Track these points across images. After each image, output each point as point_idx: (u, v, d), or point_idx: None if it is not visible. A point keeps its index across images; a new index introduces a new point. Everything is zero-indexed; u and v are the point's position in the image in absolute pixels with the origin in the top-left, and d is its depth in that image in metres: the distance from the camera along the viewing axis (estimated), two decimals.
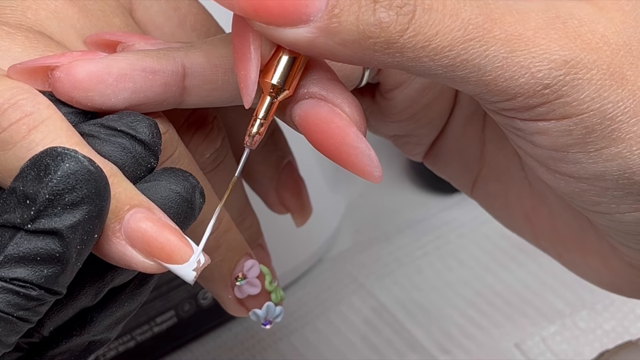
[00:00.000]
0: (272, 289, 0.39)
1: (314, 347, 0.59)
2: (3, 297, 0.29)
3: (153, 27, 0.39)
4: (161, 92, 0.33)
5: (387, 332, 0.60)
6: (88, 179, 0.29)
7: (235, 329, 0.61)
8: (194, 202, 0.33)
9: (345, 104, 0.32)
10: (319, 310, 0.62)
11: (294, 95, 0.32)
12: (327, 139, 0.32)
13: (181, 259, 0.31)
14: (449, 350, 0.59)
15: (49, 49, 0.34)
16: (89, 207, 0.29)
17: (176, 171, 0.33)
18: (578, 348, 0.58)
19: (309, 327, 0.61)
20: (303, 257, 0.62)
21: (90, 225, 0.29)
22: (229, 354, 0.60)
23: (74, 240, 0.29)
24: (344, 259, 0.65)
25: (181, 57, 0.34)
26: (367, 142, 0.32)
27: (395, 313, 0.61)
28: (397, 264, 0.64)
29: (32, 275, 0.29)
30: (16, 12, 0.36)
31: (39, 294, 0.29)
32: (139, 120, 0.32)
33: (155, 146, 0.33)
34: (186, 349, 0.60)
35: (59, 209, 0.29)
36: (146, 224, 0.31)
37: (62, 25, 0.36)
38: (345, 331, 0.60)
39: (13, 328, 0.30)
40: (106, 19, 0.37)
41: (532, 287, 0.62)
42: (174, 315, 0.57)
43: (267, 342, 0.60)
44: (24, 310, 0.29)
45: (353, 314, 0.61)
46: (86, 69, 0.32)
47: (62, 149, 0.29)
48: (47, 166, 0.29)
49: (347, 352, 0.59)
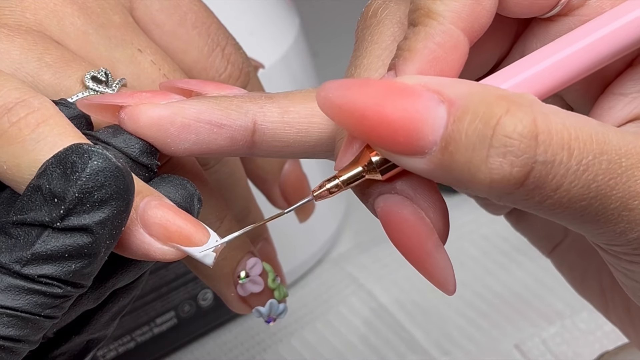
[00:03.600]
0: (274, 286, 0.39)
1: (313, 347, 0.59)
2: (29, 299, 0.29)
3: (154, 26, 0.39)
4: (226, 146, 0.33)
5: (387, 333, 0.60)
6: (117, 176, 0.29)
7: (235, 330, 0.61)
8: (192, 209, 0.33)
9: (431, 209, 0.31)
10: (319, 311, 0.62)
11: (382, 183, 0.31)
12: (405, 240, 0.31)
13: (199, 240, 0.31)
14: (448, 351, 0.59)
15: (48, 51, 0.34)
16: (118, 202, 0.29)
17: (173, 180, 0.33)
18: (578, 349, 0.58)
19: (309, 328, 0.60)
20: (303, 258, 0.62)
21: (119, 220, 0.30)
22: (229, 355, 0.60)
23: (103, 235, 0.29)
24: (344, 259, 0.65)
25: (254, 111, 0.33)
26: (446, 253, 0.31)
27: (395, 314, 0.61)
28: (397, 265, 0.64)
29: (60, 272, 0.29)
30: (15, 12, 0.36)
31: (64, 291, 0.30)
32: (131, 139, 0.32)
33: (147, 164, 0.33)
34: (186, 350, 0.60)
35: (88, 206, 0.29)
36: (162, 210, 0.31)
37: (62, 24, 0.36)
38: (345, 332, 0.60)
39: (39, 326, 0.30)
40: (106, 16, 0.37)
41: (532, 288, 0.62)
42: (174, 316, 0.57)
43: (267, 342, 0.60)
44: (50, 309, 0.30)
45: (353, 314, 0.61)
46: (149, 115, 0.32)
47: (88, 146, 0.29)
48: (73, 164, 0.29)
49: (346, 353, 0.59)
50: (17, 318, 0.29)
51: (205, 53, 0.40)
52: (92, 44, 0.36)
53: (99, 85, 0.34)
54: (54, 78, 0.34)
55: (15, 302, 0.29)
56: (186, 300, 0.57)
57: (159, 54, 0.38)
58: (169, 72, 0.38)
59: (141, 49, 0.37)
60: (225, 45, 0.40)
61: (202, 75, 0.40)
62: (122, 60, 0.37)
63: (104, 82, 0.35)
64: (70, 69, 0.34)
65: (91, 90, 0.34)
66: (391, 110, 0.27)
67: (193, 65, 0.40)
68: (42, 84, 0.34)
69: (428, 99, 0.27)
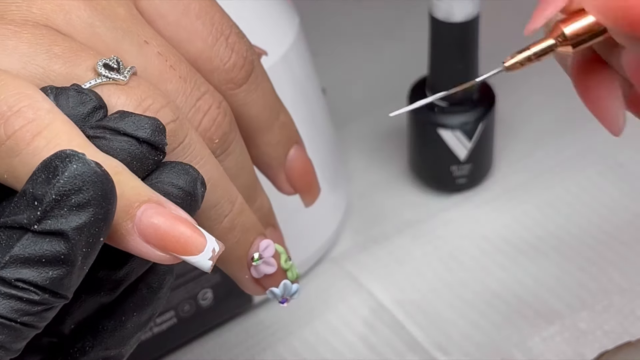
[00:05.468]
0: (287, 267, 0.40)
1: (313, 347, 0.59)
2: (6, 303, 0.29)
3: (158, 17, 0.40)
4: None
5: (387, 333, 0.60)
6: (95, 181, 0.30)
7: (235, 329, 0.61)
8: (196, 194, 0.34)
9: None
10: (318, 311, 0.62)
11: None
12: None
13: (196, 249, 0.32)
14: (448, 351, 0.59)
15: (56, 43, 0.35)
16: (95, 209, 0.30)
17: (176, 165, 0.34)
18: (578, 349, 0.58)
19: (309, 328, 0.61)
20: (303, 257, 0.61)
21: (96, 227, 0.30)
22: (228, 355, 0.60)
23: (79, 242, 0.30)
24: (343, 259, 0.65)
25: None
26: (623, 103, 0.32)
27: (395, 313, 0.61)
28: (396, 264, 0.64)
29: (37, 277, 0.29)
30: (21, 8, 0.36)
31: (42, 298, 0.30)
32: (140, 119, 0.33)
33: (159, 143, 0.33)
34: (186, 349, 0.60)
35: (65, 210, 0.29)
36: (158, 220, 0.31)
37: (68, 17, 0.37)
38: (345, 331, 0.60)
39: (18, 334, 0.30)
40: (111, 9, 0.38)
41: (531, 287, 0.62)
42: (174, 315, 0.57)
43: (267, 342, 0.60)
44: (28, 316, 0.30)
45: (352, 314, 0.61)
46: None
47: (71, 151, 0.30)
48: (55, 168, 0.30)
49: (346, 353, 0.59)
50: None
51: (210, 43, 0.40)
52: (98, 36, 0.37)
53: (110, 72, 0.35)
54: (65, 67, 0.35)
55: None
56: (186, 300, 0.57)
57: (164, 45, 0.38)
58: (175, 63, 0.38)
59: (147, 41, 0.38)
60: (229, 34, 0.41)
61: (206, 64, 0.40)
62: (130, 52, 0.37)
63: (116, 70, 0.35)
64: (79, 58, 0.35)
65: (104, 77, 0.34)
66: None
67: (198, 55, 0.40)
68: (53, 74, 0.34)
69: None
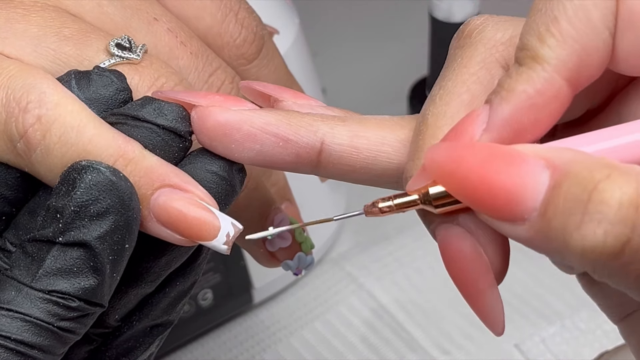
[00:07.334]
0: (302, 239, 0.40)
1: (313, 347, 0.59)
2: (44, 307, 0.30)
3: None
4: (290, 162, 0.32)
5: (387, 333, 0.60)
6: (110, 189, 0.30)
7: (235, 330, 0.61)
8: (232, 179, 0.33)
9: (491, 246, 0.30)
10: (318, 311, 0.62)
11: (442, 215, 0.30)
12: (460, 274, 0.30)
13: (209, 235, 0.32)
14: (448, 351, 0.59)
15: (66, 25, 0.35)
16: (115, 216, 0.30)
17: (208, 151, 0.33)
18: (578, 349, 0.58)
19: (309, 328, 0.61)
20: None
21: (118, 235, 0.30)
22: (228, 355, 0.60)
23: (104, 251, 0.30)
24: (343, 259, 0.65)
25: (324, 131, 0.32)
26: (498, 294, 0.30)
27: (395, 314, 0.61)
28: (396, 265, 0.64)
29: (70, 287, 0.30)
30: None
31: (78, 305, 0.30)
32: (162, 106, 0.33)
33: (182, 129, 0.33)
34: (186, 349, 0.60)
35: (85, 220, 0.30)
36: (171, 206, 0.31)
37: None
38: (345, 332, 0.60)
39: (56, 338, 0.31)
40: None
41: (531, 288, 0.62)
42: None
43: (267, 342, 0.60)
44: (65, 321, 0.30)
45: (352, 314, 0.61)
46: (217, 119, 0.32)
47: (86, 162, 0.30)
48: (73, 180, 0.30)
49: (346, 353, 0.59)
50: (30, 324, 0.30)
51: (219, 19, 0.40)
52: (108, 15, 0.37)
53: (123, 51, 0.35)
54: (75, 49, 0.34)
55: (29, 310, 0.30)
56: None
57: (174, 22, 0.38)
58: (186, 39, 0.38)
59: (157, 17, 0.37)
60: (238, 9, 0.40)
61: (216, 40, 0.40)
62: (139, 30, 0.37)
63: (128, 49, 0.35)
64: (89, 39, 0.35)
65: (117, 57, 0.34)
66: (494, 175, 0.27)
67: (207, 31, 0.40)
68: (64, 56, 0.34)
69: (534, 164, 0.27)
